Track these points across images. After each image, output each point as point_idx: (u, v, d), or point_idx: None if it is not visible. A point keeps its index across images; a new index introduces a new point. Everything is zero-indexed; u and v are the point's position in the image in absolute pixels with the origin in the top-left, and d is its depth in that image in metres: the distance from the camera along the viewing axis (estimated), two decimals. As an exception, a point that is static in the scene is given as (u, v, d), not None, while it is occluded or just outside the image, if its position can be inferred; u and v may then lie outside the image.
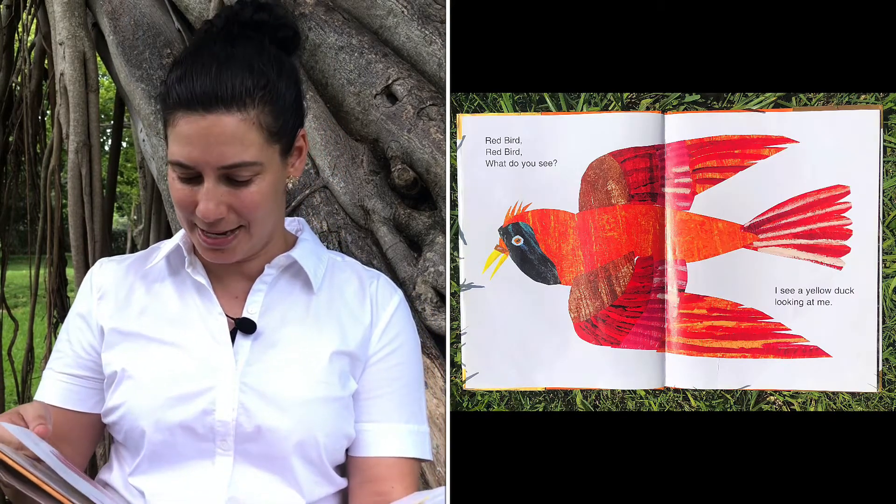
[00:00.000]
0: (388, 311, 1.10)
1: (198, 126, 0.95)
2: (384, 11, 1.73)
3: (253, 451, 1.00)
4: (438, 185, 1.56)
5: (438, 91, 1.65)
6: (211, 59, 0.99)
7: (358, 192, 1.62)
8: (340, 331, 1.06)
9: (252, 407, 1.00)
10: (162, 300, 1.07)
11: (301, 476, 1.02)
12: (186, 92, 0.96)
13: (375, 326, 1.08)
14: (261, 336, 1.04)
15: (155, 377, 1.02)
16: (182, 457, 1.00)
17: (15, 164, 2.79)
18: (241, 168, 0.97)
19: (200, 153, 0.96)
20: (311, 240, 1.13)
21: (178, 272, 1.09)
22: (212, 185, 0.97)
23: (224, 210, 0.98)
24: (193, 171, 0.97)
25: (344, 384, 1.05)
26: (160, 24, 1.91)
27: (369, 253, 1.59)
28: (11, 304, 2.98)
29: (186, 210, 1.00)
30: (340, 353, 1.05)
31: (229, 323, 1.04)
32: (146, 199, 2.62)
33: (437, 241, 1.54)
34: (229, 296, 1.07)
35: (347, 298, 1.09)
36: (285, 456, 1.00)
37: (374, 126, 1.66)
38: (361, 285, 1.11)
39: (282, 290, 1.08)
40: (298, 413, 1.01)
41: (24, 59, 2.63)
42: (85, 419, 1.08)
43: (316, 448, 1.01)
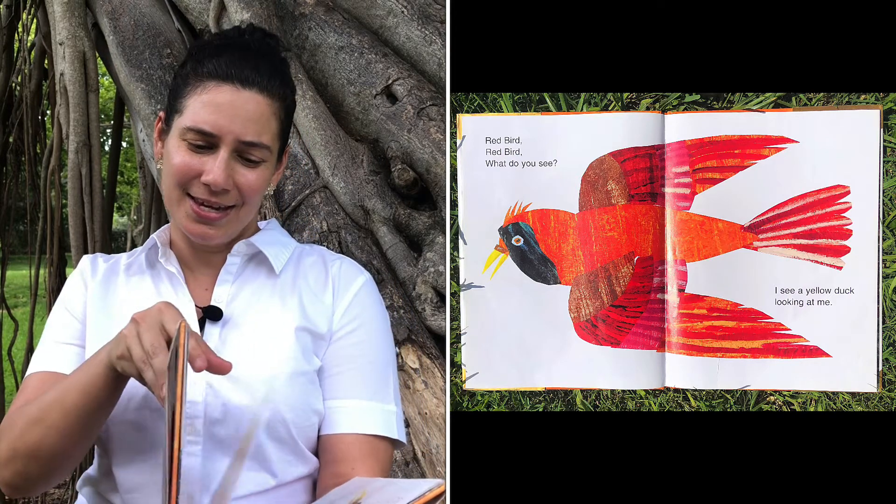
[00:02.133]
0: (352, 290, 1.12)
1: (230, 97, 1.01)
2: (384, 11, 1.73)
3: (221, 433, 1.01)
4: (438, 185, 1.56)
5: (438, 91, 1.64)
6: (247, 48, 1.07)
7: (358, 192, 1.61)
8: (302, 309, 1.09)
9: (219, 387, 1.02)
10: (138, 290, 1.11)
11: (271, 455, 1.02)
12: (225, 66, 1.03)
13: (337, 305, 1.11)
14: (228, 322, 1.07)
15: None
16: (153, 444, 1.01)
17: (15, 164, 2.79)
18: (256, 148, 1.03)
19: (228, 122, 1.01)
20: (275, 230, 1.17)
21: (154, 266, 1.12)
22: (226, 156, 1.01)
23: (231, 183, 1.02)
24: (210, 140, 1.01)
25: (309, 360, 1.06)
26: (160, 24, 1.91)
27: (369, 253, 1.59)
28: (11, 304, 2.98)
29: (186, 177, 1.02)
30: (302, 329, 1.07)
31: (198, 312, 1.07)
32: (146, 199, 2.62)
33: (437, 241, 1.54)
34: (199, 288, 1.11)
35: (310, 280, 1.12)
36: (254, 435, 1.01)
37: (374, 126, 1.66)
38: (325, 266, 1.14)
39: (247, 278, 1.11)
40: (263, 389, 1.02)
41: (24, 59, 2.63)
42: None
43: (284, 424, 1.02)
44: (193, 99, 1.03)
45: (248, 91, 1.02)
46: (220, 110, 1.01)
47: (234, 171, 1.03)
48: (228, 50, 1.05)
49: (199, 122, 1.01)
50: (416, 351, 1.57)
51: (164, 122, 1.09)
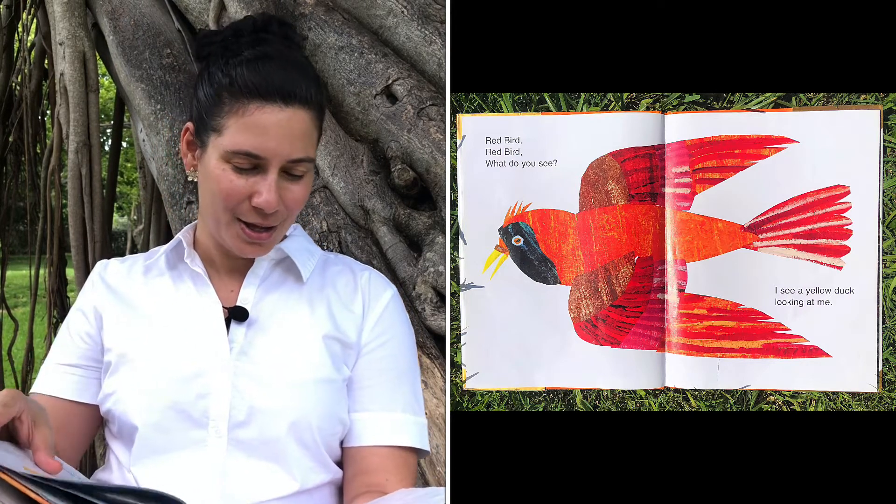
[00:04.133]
0: (381, 303, 1.12)
1: (276, 118, 0.98)
2: (384, 11, 1.73)
3: (245, 436, 1.01)
4: (438, 185, 1.56)
5: (438, 91, 1.64)
6: (277, 56, 1.03)
7: (358, 192, 1.61)
8: (331, 318, 1.08)
9: (245, 389, 1.01)
10: (160, 291, 1.10)
11: (295, 461, 1.02)
12: (264, 82, 0.99)
13: (367, 317, 1.10)
14: (254, 323, 1.06)
15: (150, 362, 1.03)
16: (174, 445, 1.01)
17: (15, 164, 2.79)
18: (302, 163, 1.02)
19: (276, 144, 0.99)
20: (301, 236, 1.16)
21: (175, 266, 1.11)
22: (276, 177, 1.00)
23: (280, 202, 1.01)
24: (258, 162, 0.99)
25: (338, 368, 1.06)
26: (160, 24, 1.91)
27: (369, 253, 1.59)
28: (11, 304, 2.97)
29: (235, 201, 1.01)
30: (332, 337, 1.07)
31: (223, 312, 1.06)
32: (146, 199, 2.62)
33: (437, 241, 1.54)
34: (225, 289, 1.10)
35: (339, 289, 1.12)
36: (279, 438, 1.00)
37: (374, 126, 1.66)
38: (353, 277, 1.14)
39: (273, 282, 1.10)
40: (291, 394, 1.02)
41: (24, 59, 2.63)
42: (83, 410, 1.09)
43: (310, 430, 1.02)
44: (234, 120, 0.99)
45: (290, 108, 0.99)
46: (266, 133, 0.98)
47: (281, 188, 1.01)
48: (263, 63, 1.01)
49: (245, 145, 0.98)
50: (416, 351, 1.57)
51: (194, 136, 1.06)
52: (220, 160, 1.00)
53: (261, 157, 0.99)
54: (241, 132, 0.99)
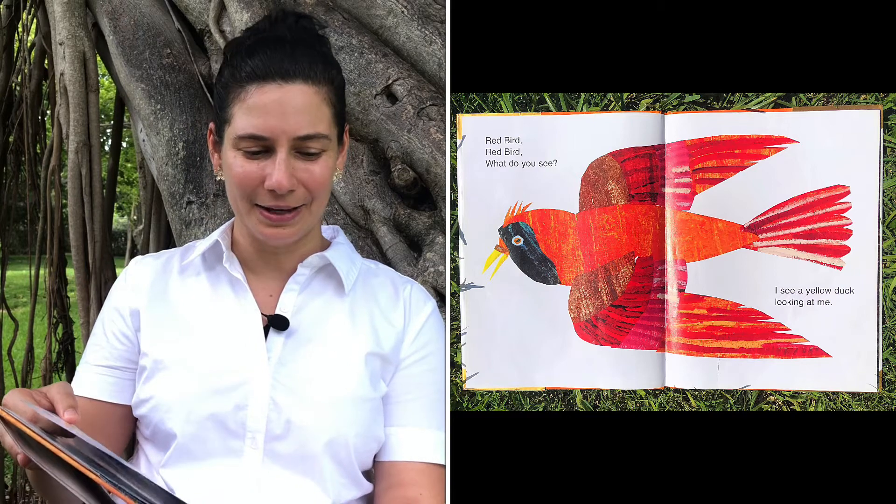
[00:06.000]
0: (422, 317, 1.11)
1: (275, 95, 0.97)
2: (384, 11, 1.73)
3: (282, 450, 1.00)
4: (438, 185, 1.56)
5: (438, 91, 1.64)
6: (280, 40, 1.02)
7: (358, 192, 1.61)
8: (373, 333, 1.07)
9: (283, 403, 1.00)
10: (197, 295, 1.08)
11: (329, 477, 1.01)
12: (262, 65, 0.98)
13: (408, 331, 1.09)
14: (294, 334, 1.04)
15: (188, 370, 1.02)
16: (210, 453, 1.00)
17: (15, 164, 2.79)
18: (313, 140, 0.99)
19: (278, 122, 0.97)
20: (345, 244, 1.14)
21: (213, 268, 1.09)
22: (285, 156, 0.98)
23: (295, 182, 0.99)
24: (265, 143, 0.98)
25: (375, 386, 1.05)
26: (160, 24, 1.91)
27: (369, 253, 1.59)
28: (11, 304, 2.97)
29: (249, 186, 0.99)
30: (373, 354, 1.05)
31: (262, 319, 1.05)
32: (146, 199, 2.62)
33: (437, 241, 1.54)
34: (263, 293, 1.08)
35: (381, 302, 1.10)
36: (315, 455, 1.00)
37: (374, 126, 1.66)
38: (395, 290, 1.12)
39: (315, 290, 1.08)
40: (329, 412, 1.01)
41: (24, 59, 2.63)
42: (121, 411, 1.08)
43: (346, 448, 1.01)
44: (238, 106, 0.99)
45: (291, 84, 0.98)
46: (267, 111, 0.97)
47: (295, 169, 0.99)
48: (261, 46, 1.01)
49: (248, 128, 0.98)
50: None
51: (215, 135, 1.05)
52: (232, 149, 1.00)
53: (265, 137, 0.97)
54: (245, 116, 0.98)
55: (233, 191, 1.02)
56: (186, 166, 1.74)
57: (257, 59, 0.99)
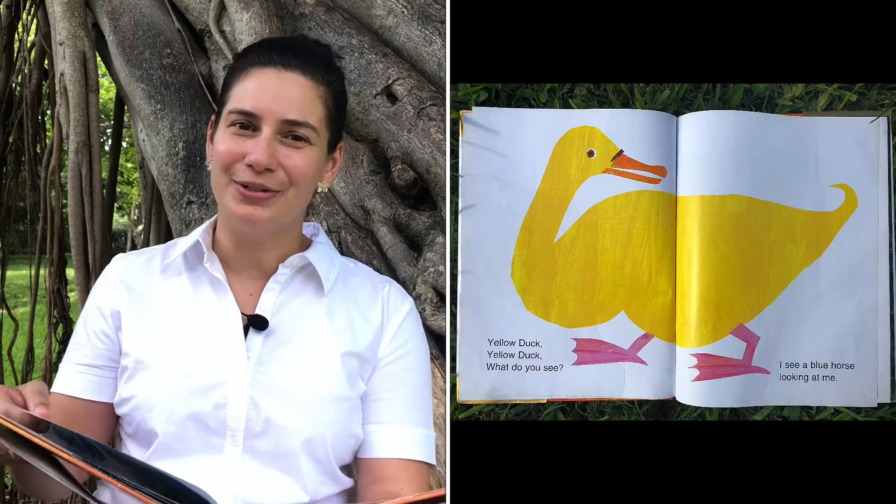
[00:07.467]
0: (400, 315, 1.12)
1: (272, 79, 1.02)
2: (384, 11, 1.72)
3: (261, 447, 1.01)
4: (438, 185, 1.56)
5: (438, 91, 1.64)
6: (291, 40, 1.10)
7: (358, 192, 1.61)
8: (351, 332, 1.08)
9: (262, 402, 1.02)
10: (178, 294, 1.09)
11: (307, 474, 1.03)
12: (267, 53, 1.04)
13: (386, 330, 1.10)
14: (273, 333, 1.06)
15: (169, 369, 1.03)
16: (191, 450, 1.02)
17: (15, 164, 2.79)
18: (300, 126, 1.02)
19: (269, 102, 1.01)
20: (325, 244, 1.15)
21: (194, 268, 1.10)
22: (269, 135, 1.01)
23: (275, 164, 1.01)
24: (252, 120, 1.01)
25: (353, 385, 1.06)
26: (160, 24, 1.91)
27: (369, 253, 1.59)
28: (11, 304, 2.97)
29: (230, 161, 1.02)
30: (350, 353, 1.07)
31: (242, 319, 1.06)
32: (146, 199, 2.62)
33: (437, 241, 1.54)
34: (244, 292, 1.09)
35: (359, 301, 1.11)
36: (293, 453, 1.01)
37: (374, 126, 1.66)
38: (374, 289, 1.13)
39: (295, 290, 1.10)
40: (308, 410, 1.02)
41: (24, 59, 2.63)
42: (102, 409, 1.10)
43: (323, 446, 1.03)
44: (237, 86, 1.03)
45: (290, 73, 1.02)
46: (262, 91, 1.01)
47: (278, 152, 1.01)
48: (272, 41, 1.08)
49: (239, 102, 1.02)
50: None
51: (215, 125, 1.08)
52: (223, 127, 1.04)
53: (254, 114, 1.01)
54: (240, 92, 1.03)
55: (215, 168, 1.05)
56: (186, 166, 1.74)
57: (265, 48, 1.06)
